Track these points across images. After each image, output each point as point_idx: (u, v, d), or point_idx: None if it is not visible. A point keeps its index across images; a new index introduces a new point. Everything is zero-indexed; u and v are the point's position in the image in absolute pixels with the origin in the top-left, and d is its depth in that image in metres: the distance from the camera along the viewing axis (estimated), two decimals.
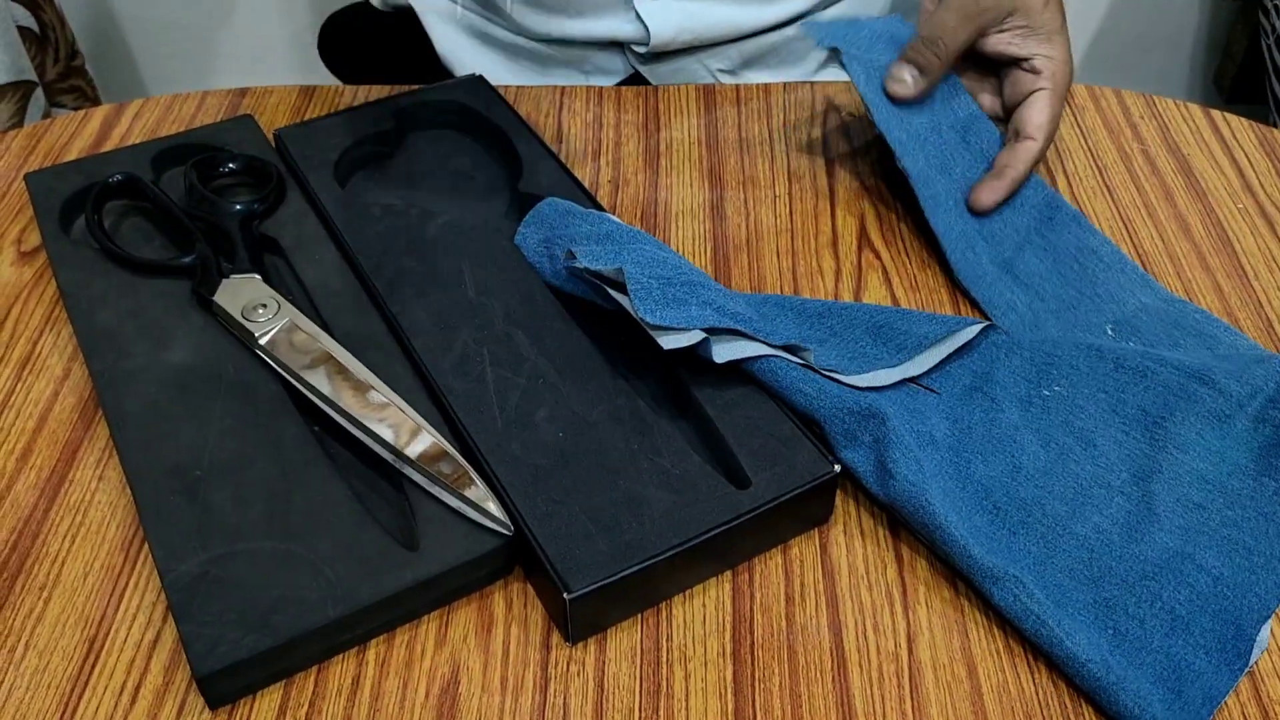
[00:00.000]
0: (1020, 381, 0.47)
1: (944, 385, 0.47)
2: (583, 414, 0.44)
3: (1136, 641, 0.39)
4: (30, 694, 0.39)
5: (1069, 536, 0.42)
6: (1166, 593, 0.40)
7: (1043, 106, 0.57)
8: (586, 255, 0.46)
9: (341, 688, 0.39)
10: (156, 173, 0.57)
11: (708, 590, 0.42)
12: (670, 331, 0.44)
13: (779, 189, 0.60)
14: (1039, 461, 0.45)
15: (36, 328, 0.52)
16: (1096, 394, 0.46)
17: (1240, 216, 0.58)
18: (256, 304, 0.48)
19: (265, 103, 0.65)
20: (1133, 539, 0.42)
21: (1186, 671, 0.39)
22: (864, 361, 0.47)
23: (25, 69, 1.05)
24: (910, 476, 0.42)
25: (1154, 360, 0.47)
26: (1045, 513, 0.43)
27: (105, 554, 0.43)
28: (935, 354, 0.47)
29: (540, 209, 0.52)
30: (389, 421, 0.43)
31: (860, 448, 0.44)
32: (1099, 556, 0.42)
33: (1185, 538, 0.42)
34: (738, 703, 0.39)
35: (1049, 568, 0.42)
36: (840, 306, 0.49)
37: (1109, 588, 0.41)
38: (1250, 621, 0.39)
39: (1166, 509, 0.43)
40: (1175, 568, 0.41)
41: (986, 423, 0.46)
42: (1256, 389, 0.45)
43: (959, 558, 0.41)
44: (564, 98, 0.66)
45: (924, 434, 0.45)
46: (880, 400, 0.45)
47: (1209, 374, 0.46)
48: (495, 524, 0.40)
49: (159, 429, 0.44)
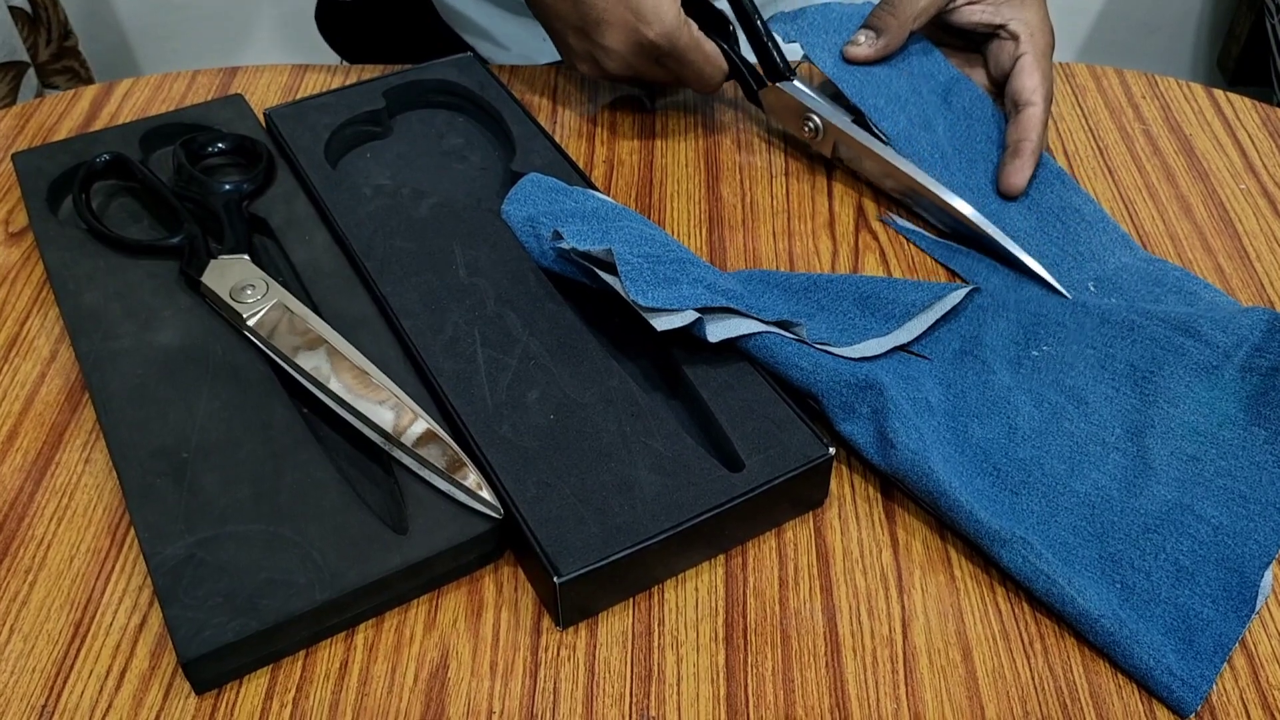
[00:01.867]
0: (1008, 344, 0.48)
1: (934, 351, 0.48)
2: (574, 396, 0.43)
3: (1144, 594, 0.40)
4: (15, 678, 0.38)
5: (1070, 494, 0.43)
6: (1169, 544, 0.41)
7: (1030, 70, 0.57)
8: (573, 235, 0.46)
9: (329, 672, 0.39)
10: (145, 152, 0.56)
11: (700, 574, 0.41)
12: (663, 313, 0.43)
13: (775, 169, 0.59)
14: (1034, 422, 0.45)
15: (24, 309, 0.51)
16: (1084, 350, 0.47)
17: (1243, 197, 0.58)
18: (245, 285, 0.47)
19: (256, 82, 0.65)
20: (1132, 493, 0.42)
21: (1196, 620, 0.39)
22: (854, 332, 0.47)
23: (17, 49, 1.04)
24: (911, 445, 0.42)
25: (1139, 314, 0.47)
26: (1045, 472, 0.43)
27: (91, 537, 0.42)
28: (924, 320, 0.47)
29: (523, 185, 0.51)
30: (379, 404, 0.42)
31: (859, 419, 0.43)
32: (1100, 513, 0.42)
33: (1182, 489, 0.42)
34: (730, 687, 0.38)
35: (1053, 526, 0.42)
36: (826, 279, 0.49)
37: (1113, 543, 0.41)
38: (1253, 568, 0.40)
39: (1162, 462, 0.43)
40: (1175, 519, 0.42)
41: (980, 386, 0.46)
42: (1241, 338, 0.46)
43: (965, 522, 0.41)
44: (558, 77, 0.65)
45: (920, 401, 0.44)
46: (876, 370, 0.44)
47: (1194, 326, 0.46)
48: (485, 507, 0.40)
49: (146, 411, 0.43)
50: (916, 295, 0.48)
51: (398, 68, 0.62)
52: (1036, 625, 0.40)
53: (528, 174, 0.52)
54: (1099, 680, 0.38)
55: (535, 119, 0.57)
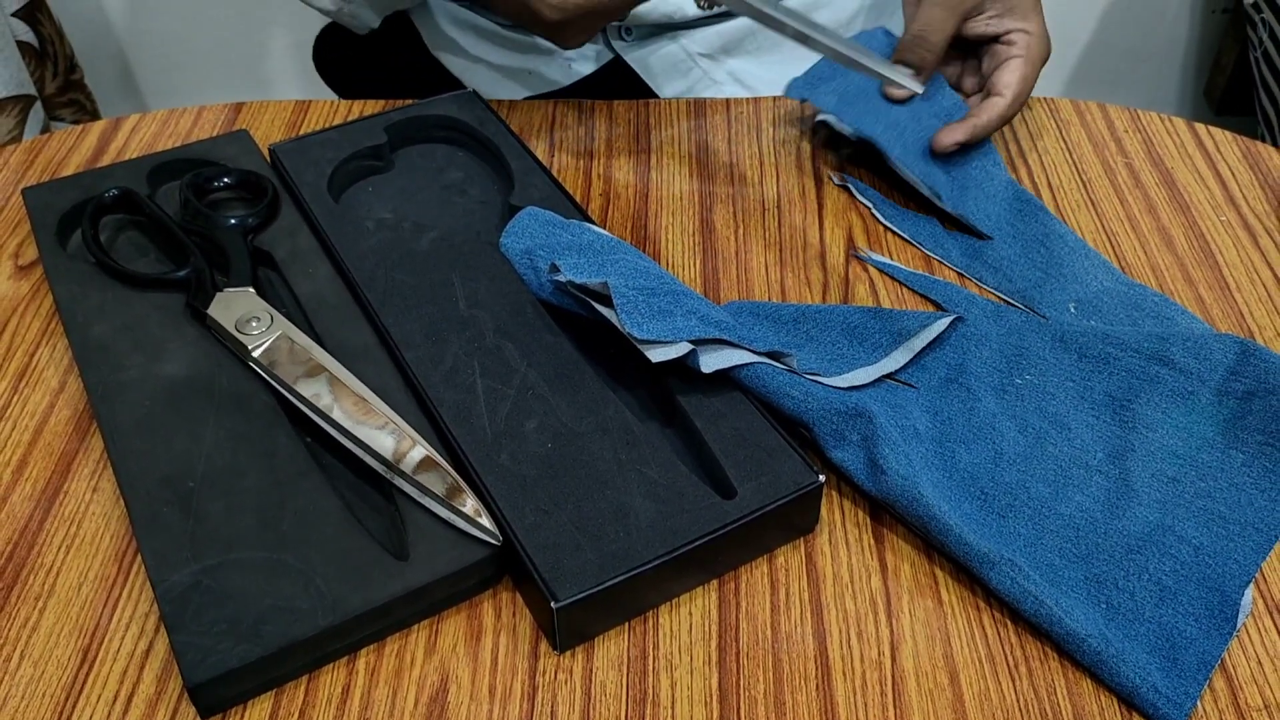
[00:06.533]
0: (992, 371, 0.49)
1: (921, 379, 0.49)
2: (571, 425, 0.44)
3: (1129, 614, 0.41)
4: (25, 703, 0.39)
5: (1055, 517, 0.44)
6: (1152, 565, 0.42)
7: (1014, 68, 0.59)
8: (570, 268, 0.47)
9: (332, 696, 0.39)
10: (152, 187, 0.57)
11: (694, 599, 0.42)
12: (658, 344, 0.44)
13: (768, 202, 0.60)
14: (1018, 447, 0.46)
15: (33, 341, 0.52)
16: (1064, 382, 0.49)
17: (1223, 229, 0.59)
18: (250, 317, 0.48)
19: (260, 118, 0.66)
20: (1115, 515, 0.44)
21: (1179, 639, 0.40)
22: (843, 362, 0.48)
23: (25, 83, 1.06)
24: (901, 471, 0.43)
25: (1115, 346, 0.49)
26: (1030, 495, 0.44)
27: (99, 564, 0.43)
28: (910, 348, 0.49)
29: (521, 218, 0.53)
30: (380, 432, 0.44)
31: (850, 447, 0.45)
32: (1085, 534, 0.43)
33: (1163, 511, 0.44)
34: (723, 710, 0.39)
35: (1039, 548, 0.43)
36: (814, 310, 0.51)
37: (1098, 564, 0.42)
38: (1233, 587, 0.41)
39: (1143, 484, 0.45)
40: (1157, 540, 0.43)
41: (965, 413, 0.47)
42: (1215, 364, 0.48)
43: (954, 545, 0.42)
44: (555, 111, 0.67)
45: (908, 428, 0.46)
46: (865, 399, 0.46)
47: (1167, 355, 0.48)
48: (484, 534, 0.41)
49: (153, 440, 0.44)
50: (903, 324, 0.49)
51: (399, 103, 0.64)
52: (1022, 649, 0.41)
53: (525, 207, 0.54)
54: (1083, 703, 0.39)
55: (533, 153, 0.59)
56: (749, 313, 0.51)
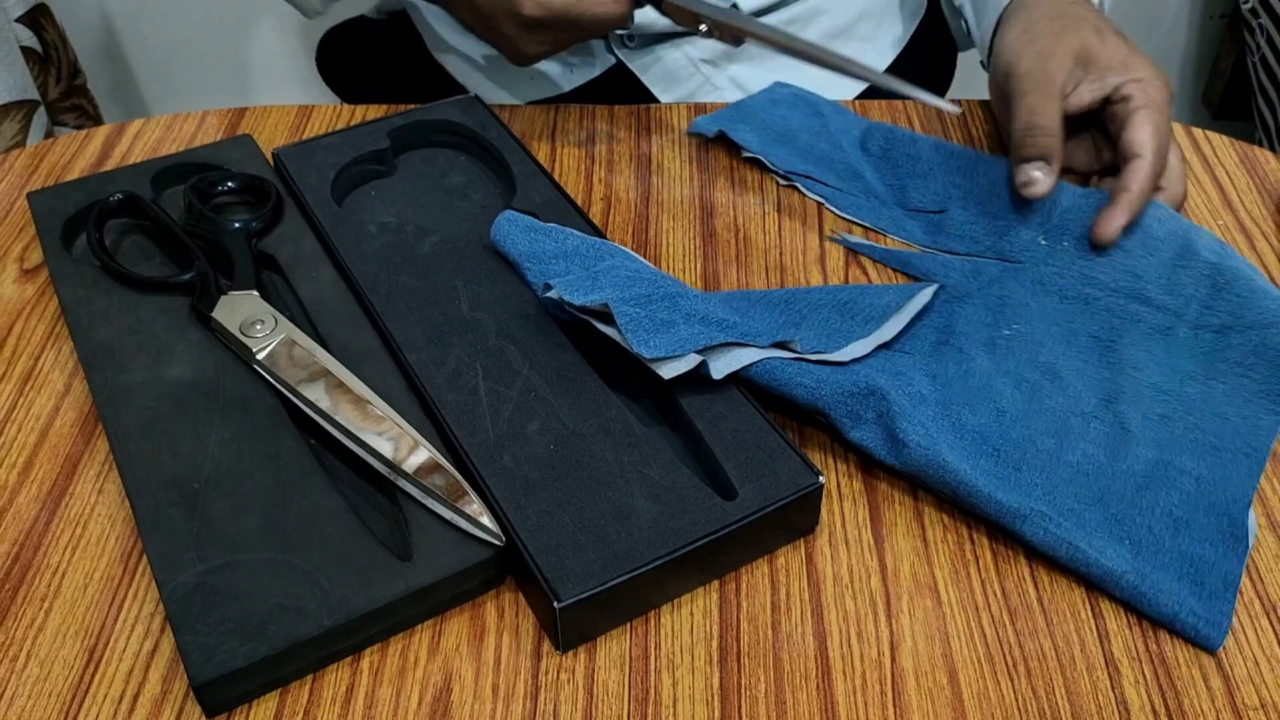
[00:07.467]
0: (980, 327, 0.51)
1: (914, 346, 0.50)
2: (573, 426, 0.45)
3: (1152, 547, 0.43)
4: (32, 703, 0.39)
5: (1064, 466, 0.46)
6: (1162, 499, 0.44)
7: (1141, 123, 0.54)
8: (564, 286, 0.47)
9: (336, 696, 0.40)
10: (156, 191, 0.58)
11: (695, 599, 0.43)
12: (667, 360, 0.45)
13: (768, 206, 0.61)
14: (1017, 403, 0.48)
15: (38, 344, 0.53)
16: (1050, 328, 0.51)
17: (1221, 233, 0.59)
18: (254, 320, 0.49)
19: (264, 122, 0.66)
20: (1118, 457, 0.46)
21: (1201, 563, 0.43)
22: (839, 337, 0.49)
23: (28, 88, 1.06)
24: (922, 441, 0.44)
25: (1093, 286, 0.52)
26: (1038, 449, 0.46)
27: (105, 565, 0.44)
28: (901, 318, 0.50)
29: (500, 224, 0.52)
30: (384, 434, 0.44)
31: (867, 425, 0.46)
32: (1095, 479, 0.45)
33: (1160, 448, 0.46)
34: (724, 709, 0.39)
35: (1057, 496, 0.44)
36: (802, 292, 0.52)
37: (1113, 504, 0.44)
38: (1238, 509, 0.44)
39: (1138, 425, 0.47)
40: (1161, 476, 0.45)
41: (962, 375, 0.49)
42: (1189, 298, 0.51)
43: (985, 505, 0.43)
44: (557, 116, 0.67)
45: (914, 393, 0.47)
46: (873, 376, 0.47)
47: (1143, 292, 0.51)
48: (487, 535, 0.41)
49: (158, 442, 0.45)
50: (890, 297, 0.51)
51: (401, 108, 0.64)
52: (1021, 649, 0.41)
53: (502, 212, 0.53)
54: (1080, 702, 0.40)
55: (535, 157, 0.59)
56: (740, 299, 0.51)
